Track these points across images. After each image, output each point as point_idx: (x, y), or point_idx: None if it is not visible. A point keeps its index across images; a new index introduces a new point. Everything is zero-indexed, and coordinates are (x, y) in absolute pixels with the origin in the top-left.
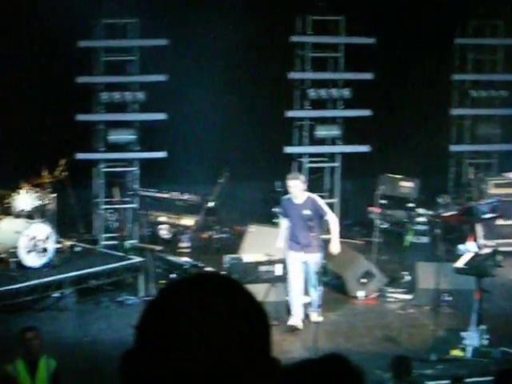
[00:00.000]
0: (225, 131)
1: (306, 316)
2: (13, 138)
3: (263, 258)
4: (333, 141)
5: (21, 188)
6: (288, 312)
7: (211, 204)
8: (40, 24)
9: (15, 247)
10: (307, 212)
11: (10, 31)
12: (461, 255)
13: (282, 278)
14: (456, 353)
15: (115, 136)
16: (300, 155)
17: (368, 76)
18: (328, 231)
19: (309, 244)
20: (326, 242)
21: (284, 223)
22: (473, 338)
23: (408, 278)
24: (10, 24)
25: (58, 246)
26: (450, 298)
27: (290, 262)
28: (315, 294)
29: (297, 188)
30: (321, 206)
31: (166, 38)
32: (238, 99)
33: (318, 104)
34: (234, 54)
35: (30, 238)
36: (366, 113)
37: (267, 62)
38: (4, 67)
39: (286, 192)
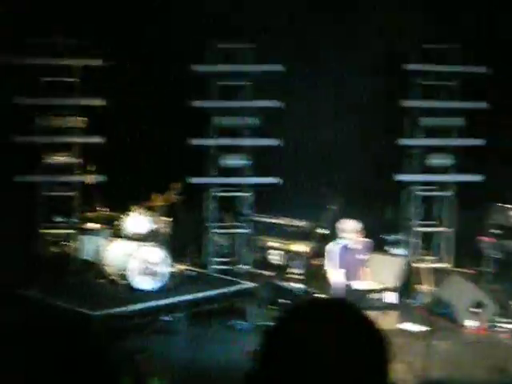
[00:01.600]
0: (335, 158)
1: None
2: (127, 161)
3: (374, 286)
4: (445, 169)
5: (131, 211)
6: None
7: (324, 231)
8: (154, 44)
9: (126, 269)
10: None
11: (130, 53)
12: None
13: (393, 306)
14: None
15: (228, 161)
16: (412, 183)
17: (482, 105)
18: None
19: None
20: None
21: None
22: None
23: None
24: (130, 45)
25: (172, 269)
26: None
27: None
28: None
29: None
30: None
31: (280, 63)
32: (349, 125)
33: (429, 132)
34: (347, 78)
35: (141, 260)
36: (479, 142)
37: (381, 88)
38: (120, 90)
39: (398, 219)
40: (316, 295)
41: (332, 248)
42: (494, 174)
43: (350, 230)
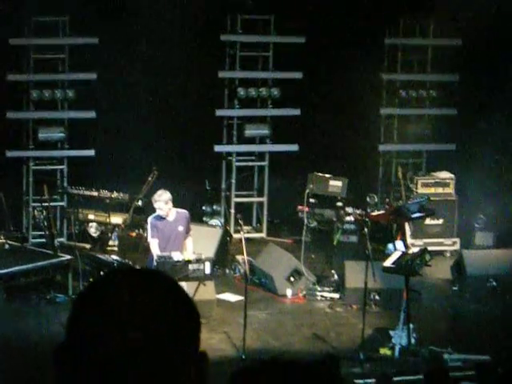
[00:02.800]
0: (154, 129)
1: None
2: None
3: (192, 256)
4: (262, 140)
5: None
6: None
7: (140, 202)
8: None
9: None
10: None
11: None
12: (389, 254)
13: (211, 277)
14: (384, 351)
15: (45, 134)
16: (229, 154)
17: (297, 75)
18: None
19: None
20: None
21: None
22: (401, 337)
23: (336, 276)
24: None
25: None
26: (378, 297)
27: None
28: None
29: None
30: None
31: (96, 35)
32: (167, 97)
33: (247, 103)
34: (165, 52)
35: None
36: (295, 112)
37: (198, 60)
38: None
39: (215, 190)
40: (132, 266)
41: (148, 219)
42: (309, 144)
43: (161, 201)
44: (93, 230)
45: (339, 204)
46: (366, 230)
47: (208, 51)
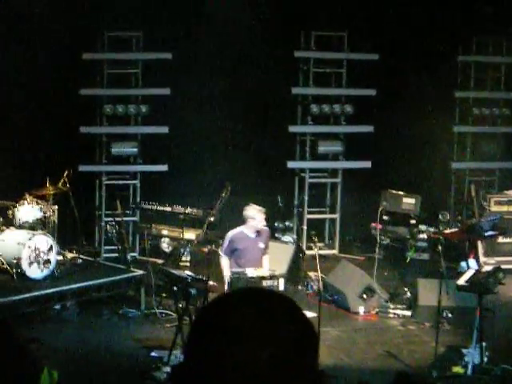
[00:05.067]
0: (227, 145)
1: None
2: (16, 149)
3: (266, 273)
4: (335, 156)
5: (24, 200)
6: None
7: (213, 218)
8: (44, 36)
9: (18, 258)
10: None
11: (15, 42)
12: (462, 272)
13: (284, 293)
14: (457, 370)
15: (118, 149)
16: (302, 170)
17: (370, 92)
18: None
19: None
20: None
21: None
22: (474, 356)
23: (409, 294)
24: (15, 35)
25: (60, 257)
26: (451, 315)
27: None
28: None
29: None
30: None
31: (169, 51)
32: (241, 113)
33: (320, 119)
34: (238, 67)
35: (33, 249)
36: (369, 129)
37: (271, 76)
38: (8, 78)
39: (287, 206)
40: (207, 283)
41: (229, 234)
42: (382, 161)
43: (262, 213)
44: (165, 245)
45: (412, 221)
46: (439, 247)
47: (282, 67)
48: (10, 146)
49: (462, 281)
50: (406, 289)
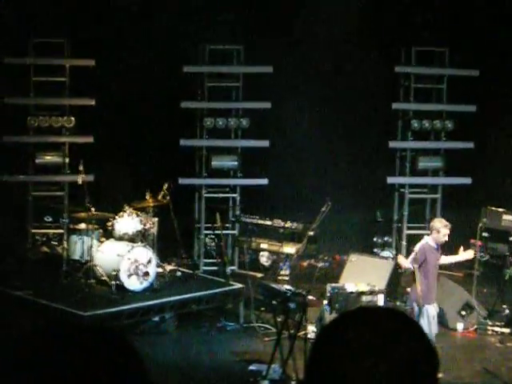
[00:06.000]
0: (327, 160)
1: None
2: (117, 162)
3: (365, 288)
4: (435, 172)
5: (124, 212)
6: None
7: (312, 232)
8: (145, 48)
9: (117, 270)
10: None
11: (116, 55)
12: None
13: None
14: None
15: (218, 162)
16: (402, 186)
17: (471, 108)
18: None
19: None
20: None
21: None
22: None
23: (507, 311)
24: (116, 47)
25: (159, 270)
26: None
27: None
28: None
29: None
30: None
31: (269, 64)
32: (341, 128)
33: (420, 135)
34: (338, 82)
35: (132, 261)
36: (469, 145)
37: (372, 91)
38: (109, 91)
39: (386, 222)
40: (307, 297)
41: (420, 245)
42: (483, 177)
43: (439, 229)
44: (264, 258)
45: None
46: None
47: (382, 82)
48: (111, 159)
49: None
50: (504, 306)
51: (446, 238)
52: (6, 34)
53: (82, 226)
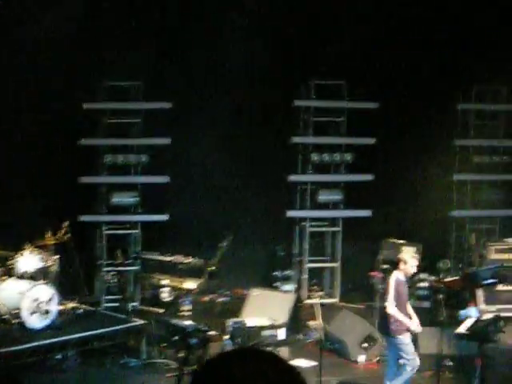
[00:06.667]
0: (228, 194)
1: None
2: (17, 199)
3: (266, 322)
4: (335, 205)
5: (24, 249)
6: None
7: (213, 267)
8: (44, 84)
9: (18, 308)
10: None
11: (13, 93)
12: (462, 320)
13: (285, 343)
14: None
15: (118, 198)
16: (302, 219)
17: (370, 141)
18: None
19: None
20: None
21: None
22: None
23: None
24: (14, 85)
25: (61, 307)
26: (452, 363)
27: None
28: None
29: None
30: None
31: (169, 100)
32: (241, 163)
33: (320, 168)
34: (237, 117)
35: (33, 299)
36: (368, 177)
37: (271, 125)
38: (8, 127)
39: (287, 255)
40: (208, 332)
41: (394, 277)
42: (382, 209)
43: (408, 260)
44: (166, 294)
45: None
46: (440, 296)
47: (282, 116)
48: (11, 196)
49: (462, 329)
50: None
51: (415, 269)
52: (79, 78)
53: None
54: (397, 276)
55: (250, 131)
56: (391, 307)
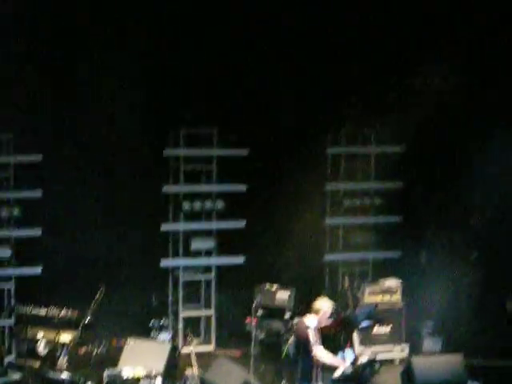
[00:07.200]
0: (101, 246)
1: None
2: None
3: (143, 373)
4: (208, 253)
5: None
6: None
7: (88, 319)
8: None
9: None
10: None
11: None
12: None
13: None
14: None
15: None
16: (176, 268)
17: (241, 188)
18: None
19: None
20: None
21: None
22: None
23: None
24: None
25: None
26: None
27: None
28: None
29: None
30: None
31: (38, 153)
32: (113, 213)
33: (192, 216)
34: (108, 166)
35: None
36: (240, 224)
37: (142, 175)
38: None
39: (162, 304)
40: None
41: (312, 326)
42: (255, 255)
43: (327, 311)
44: (41, 348)
45: (287, 316)
46: None
47: (152, 166)
48: None
49: (338, 373)
50: (283, 382)
51: (330, 321)
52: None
53: None
54: (314, 324)
55: (121, 180)
56: (321, 352)
